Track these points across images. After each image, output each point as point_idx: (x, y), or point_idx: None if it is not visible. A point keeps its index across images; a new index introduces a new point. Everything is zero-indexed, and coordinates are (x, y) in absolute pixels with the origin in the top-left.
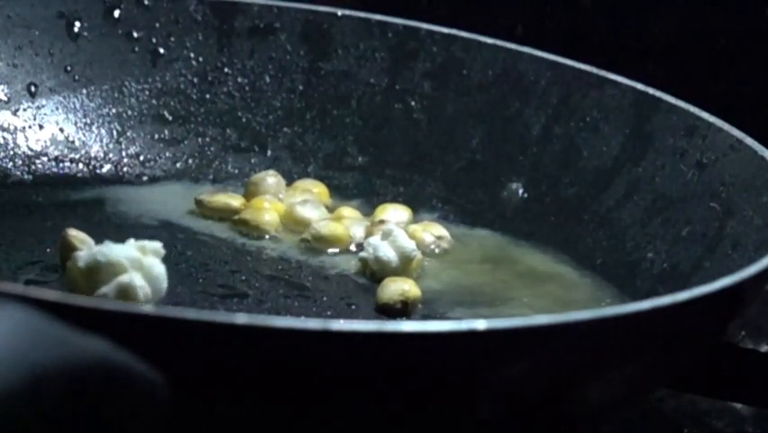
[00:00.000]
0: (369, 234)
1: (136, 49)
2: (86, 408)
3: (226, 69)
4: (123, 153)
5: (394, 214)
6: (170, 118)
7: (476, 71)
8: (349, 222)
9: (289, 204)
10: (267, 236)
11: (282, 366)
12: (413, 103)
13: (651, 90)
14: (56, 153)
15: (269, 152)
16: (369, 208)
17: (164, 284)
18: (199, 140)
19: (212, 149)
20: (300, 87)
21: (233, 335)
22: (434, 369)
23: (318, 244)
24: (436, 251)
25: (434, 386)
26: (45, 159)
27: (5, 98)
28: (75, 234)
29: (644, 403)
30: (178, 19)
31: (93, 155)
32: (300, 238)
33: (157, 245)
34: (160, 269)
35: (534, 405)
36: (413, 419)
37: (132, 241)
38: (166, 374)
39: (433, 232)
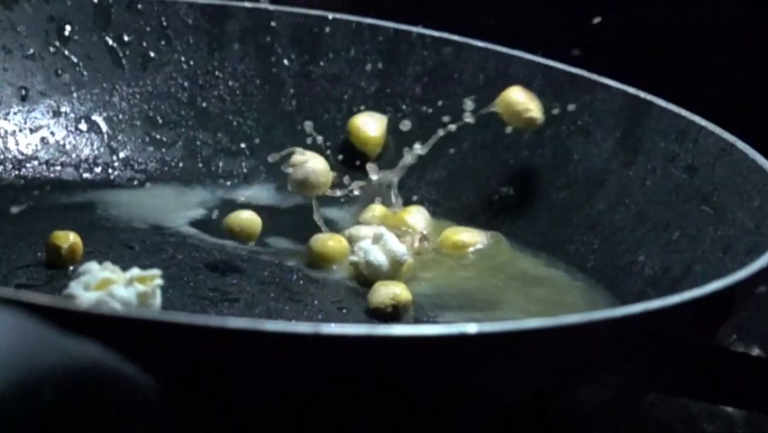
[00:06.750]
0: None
1: (127, 52)
2: (77, 412)
3: (217, 73)
4: (114, 157)
5: (417, 218)
6: (161, 122)
7: (467, 75)
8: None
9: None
10: (257, 241)
11: (273, 370)
12: (404, 107)
13: (642, 94)
14: (46, 157)
15: (259, 156)
16: (360, 211)
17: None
18: (190, 143)
19: (203, 152)
20: (291, 91)
21: (225, 338)
22: (424, 372)
23: (318, 261)
24: (426, 250)
25: (424, 390)
26: (35, 162)
27: None
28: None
29: (636, 407)
30: (169, 23)
31: (83, 159)
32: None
33: (156, 273)
34: (157, 303)
35: (524, 409)
36: (403, 423)
37: (135, 270)
38: (157, 378)
39: (465, 239)
